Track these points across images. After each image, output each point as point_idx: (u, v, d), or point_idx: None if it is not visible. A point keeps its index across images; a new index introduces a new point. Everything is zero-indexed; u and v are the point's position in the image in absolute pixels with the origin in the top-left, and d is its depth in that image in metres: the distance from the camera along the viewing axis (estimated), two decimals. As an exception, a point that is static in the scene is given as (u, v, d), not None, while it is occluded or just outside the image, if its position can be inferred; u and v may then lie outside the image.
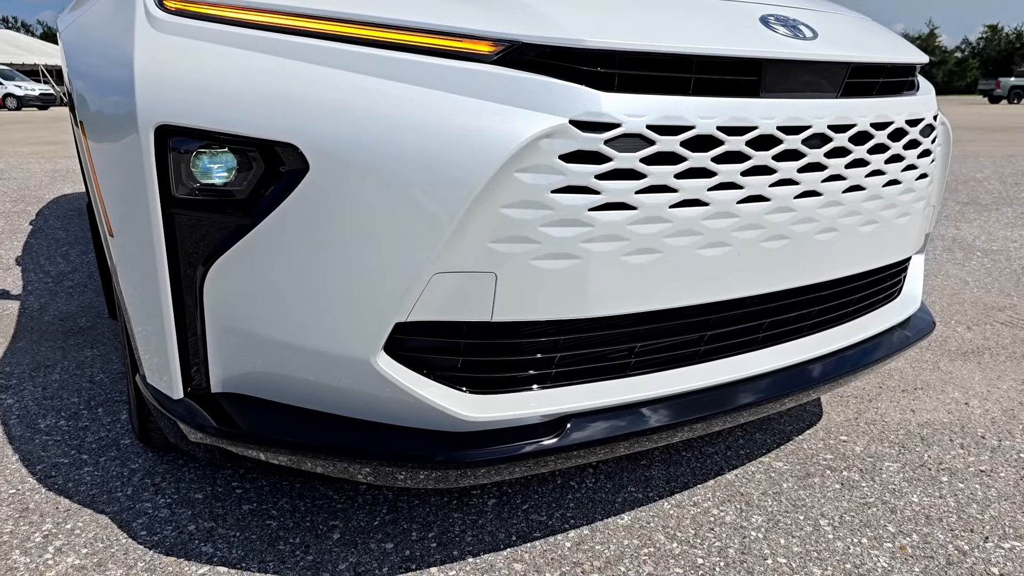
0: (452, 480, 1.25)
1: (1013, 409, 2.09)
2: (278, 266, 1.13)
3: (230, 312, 1.19)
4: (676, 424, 1.32)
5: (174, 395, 1.26)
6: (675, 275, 1.23)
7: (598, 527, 1.52)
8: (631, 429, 1.29)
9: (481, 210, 1.09)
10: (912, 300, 1.79)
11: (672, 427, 1.32)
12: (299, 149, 1.07)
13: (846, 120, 1.33)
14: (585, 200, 1.12)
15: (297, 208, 1.10)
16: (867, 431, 1.95)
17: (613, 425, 1.28)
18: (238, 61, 1.13)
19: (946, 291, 3.28)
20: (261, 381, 1.25)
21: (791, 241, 1.33)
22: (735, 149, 1.21)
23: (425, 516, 1.54)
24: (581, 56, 1.13)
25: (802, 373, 1.50)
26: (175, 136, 1.11)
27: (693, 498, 1.62)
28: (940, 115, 1.64)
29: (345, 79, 1.11)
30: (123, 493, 1.61)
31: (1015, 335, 2.70)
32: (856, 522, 1.54)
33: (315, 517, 1.53)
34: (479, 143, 1.07)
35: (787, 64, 1.27)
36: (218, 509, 1.55)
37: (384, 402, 1.19)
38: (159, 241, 1.16)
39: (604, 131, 1.11)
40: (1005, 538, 1.49)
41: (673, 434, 1.36)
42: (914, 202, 1.54)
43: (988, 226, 4.74)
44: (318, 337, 1.15)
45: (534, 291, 1.15)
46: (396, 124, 1.08)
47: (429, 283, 1.11)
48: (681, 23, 1.23)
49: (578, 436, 1.25)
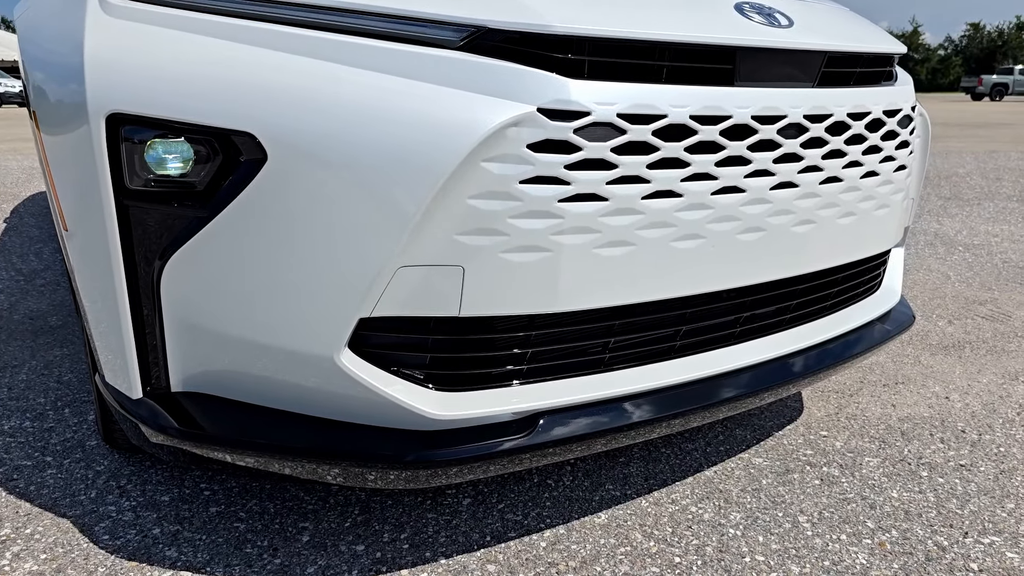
0: (423, 480, 1.22)
1: (993, 403, 2.08)
2: (237, 260, 1.09)
3: (189, 308, 1.15)
4: (652, 420, 1.29)
5: (133, 395, 1.22)
6: (648, 268, 1.20)
7: (574, 526, 1.49)
8: (606, 426, 1.26)
9: (447, 201, 1.05)
10: (892, 294, 1.77)
11: (648, 423, 1.29)
12: (256, 138, 1.04)
13: (823, 110, 1.31)
14: (555, 191, 1.09)
15: (255, 199, 1.06)
16: (847, 426, 1.93)
17: (587, 422, 1.25)
18: (193, 47, 1.08)
19: (928, 285, 3.28)
20: (224, 380, 1.21)
21: (767, 233, 1.30)
22: (709, 139, 1.18)
23: (398, 517, 1.50)
24: (550, 42, 1.10)
25: (781, 368, 1.47)
26: (128, 125, 1.07)
27: (672, 495, 1.60)
28: (918, 106, 1.62)
29: (304, 65, 1.07)
30: (87, 496, 1.56)
31: (995, 329, 2.70)
32: (835, 518, 1.52)
33: (285, 519, 1.49)
34: (443, 131, 1.04)
35: (762, 52, 1.25)
36: (184, 512, 1.50)
37: (350, 400, 1.16)
38: (113, 235, 1.11)
39: (573, 120, 1.08)
40: (984, 533, 1.47)
41: (650, 430, 1.33)
42: (892, 194, 1.52)
43: (970, 221, 4.76)
44: (279, 334, 1.12)
45: (503, 285, 1.12)
46: (357, 112, 1.04)
47: (394, 277, 1.07)
48: (653, 9, 1.20)
49: (551, 434, 1.22)
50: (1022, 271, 3.52)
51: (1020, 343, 2.56)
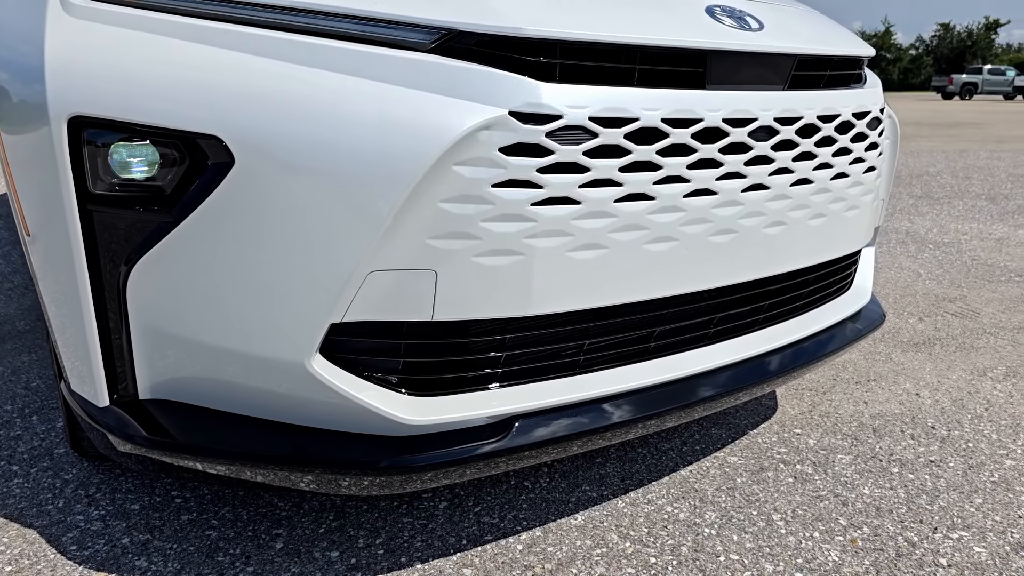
0: (397, 486, 1.21)
1: (962, 399, 2.11)
2: (204, 265, 1.07)
3: (156, 314, 1.13)
4: (628, 421, 1.30)
5: (99, 403, 1.20)
6: (622, 271, 1.20)
7: (551, 528, 1.49)
8: (581, 428, 1.26)
9: (418, 205, 1.05)
10: (863, 293, 1.79)
11: (624, 424, 1.30)
12: (223, 141, 1.02)
13: (793, 113, 1.32)
14: (527, 194, 1.09)
15: (223, 204, 1.04)
16: (821, 424, 1.95)
17: (562, 424, 1.25)
18: (158, 49, 1.06)
19: (899, 283, 3.33)
20: (193, 386, 1.19)
21: (739, 235, 1.31)
22: (680, 142, 1.18)
23: (373, 521, 1.49)
24: (521, 45, 1.10)
25: (755, 367, 1.48)
26: (90, 128, 1.04)
27: (648, 496, 1.60)
28: (887, 108, 1.64)
29: (273, 68, 1.05)
30: (54, 506, 1.53)
31: (965, 326, 2.75)
32: (808, 516, 1.53)
33: (258, 526, 1.47)
34: (414, 135, 1.03)
35: (733, 55, 1.25)
36: (155, 520, 1.48)
37: (322, 407, 1.14)
38: (76, 240, 1.09)
39: (545, 123, 1.07)
40: (953, 528, 1.50)
41: (626, 432, 1.33)
42: (862, 195, 1.54)
43: (940, 219, 4.84)
44: (249, 340, 1.10)
45: (476, 289, 1.11)
46: (327, 115, 1.03)
47: (365, 282, 1.06)
48: (625, 12, 1.20)
49: (526, 437, 1.21)
50: (990, 268, 3.58)
51: (988, 340, 2.60)
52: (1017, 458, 1.78)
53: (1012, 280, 3.38)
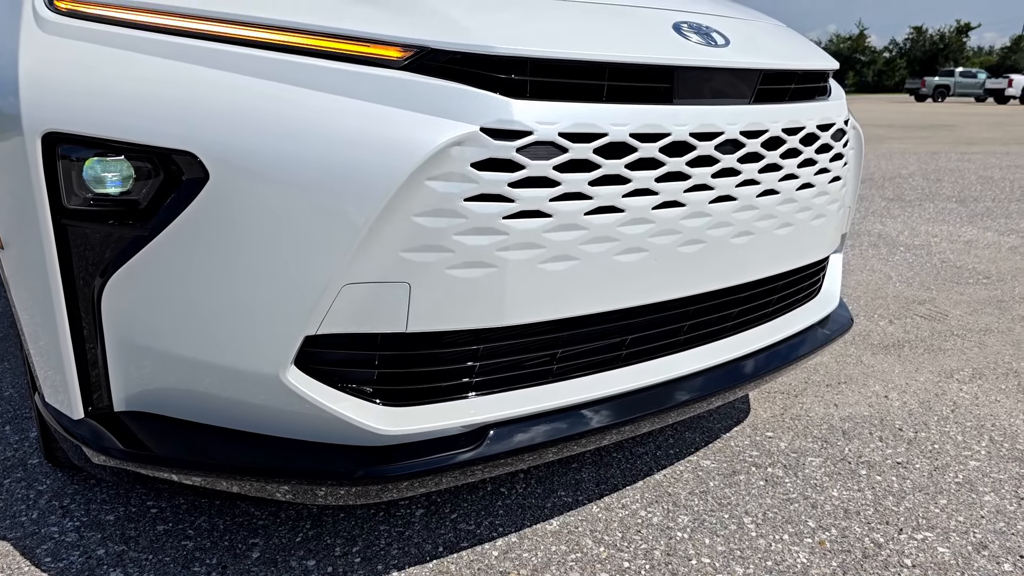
0: (373, 495, 1.22)
1: (929, 401, 2.17)
2: (180, 279, 1.08)
3: (131, 327, 1.13)
4: (602, 428, 1.32)
5: (74, 415, 1.20)
6: (593, 281, 1.22)
7: (526, 534, 1.51)
8: (555, 435, 1.28)
9: (392, 219, 1.06)
10: (831, 298, 1.83)
11: (598, 431, 1.32)
12: (198, 157, 1.03)
13: (758, 126, 1.35)
14: (499, 208, 1.11)
15: (198, 219, 1.05)
16: (792, 426, 1.99)
17: (536, 432, 1.27)
18: (133, 65, 1.07)
19: (870, 286, 3.39)
20: (168, 399, 1.20)
21: (708, 245, 1.34)
22: (649, 155, 1.21)
23: (350, 530, 1.50)
24: (492, 63, 1.12)
25: (725, 373, 1.52)
26: (64, 144, 1.05)
27: (622, 500, 1.63)
28: (852, 119, 1.68)
29: (247, 84, 1.06)
30: (28, 517, 1.52)
31: (933, 328, 2.81)
32: (778, 518, 1.57)
33: (234, 535, 1.48)
34: (388, 151, 1.04)
35: (699, 71, 1.28)
36: (130, 531, 1.48)
37: (297, 418, 1.16)
38: (51, 254, 1.10)
39: (516, 139, 1.10)
40: (918, 529, 1.54)
41: (600, 438, 1.36)
42: (828, 204, 1.58)
43: (911, 222, 4.93)
44: (224, 352, 1.11)
45: (450, 301, 1.13)
46: (301, 131, 1.04)
47: (339, 294, 1.08)
48: (594, 30, 1.23)
49: (501, 445, 1.23)
50: (959, 271, 3.67)
51: (955, 342, 2.67)
52: (981, 459, 1.83)
53: (980, 282, 3.46)
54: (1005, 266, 3.76)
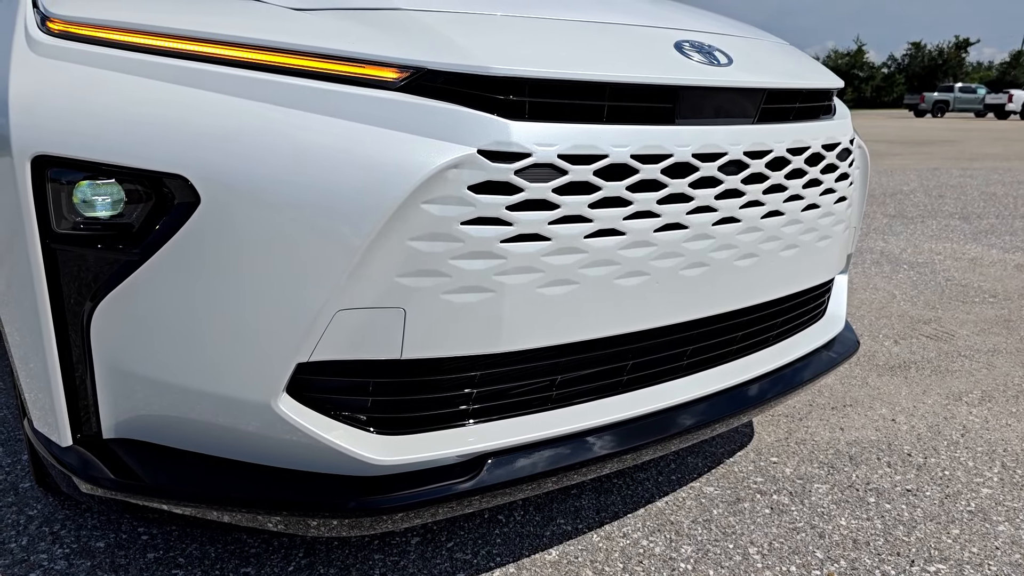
0: (367, 527, 1.19)
1: (938, 424, 2.13)
2: (170, 304, 1.06)
3: (120, 353, 1.11)
4: (603, 456, 1.29)
5: (62, 442, 1.17)
6: (593, 306, 1.19)
7: (525, 564, 1.47)
8: (555, 464, 1.25)
9: (387, 243, 1.04)
10: (836, 321, 1.80)
11: (598, 460, 1.29)
12: (189, 181, 1.01)
13: (762, 146, 1.33)
14: (496, 232, 1.08)
15: (189, 243, 1.02)
16: (797, 451, 1.95)
17: (536, 461, 1.24)
18: (125, 88, 1.05)
19: (874, 305, 3.36)
20: (158, 426, 1.17)
21: (711, 268, 1.31)
22: (650, 177, 1.19)
23: (344, 559, 1.46)
24: (490, 83, 1.10)
25: (729, 398, 1.48)
26: (54, 167, 1.03)
27: (623, 529, 1.59)
28: (857, 138, 1.66)
29: (240, 107, 1.04)
30: (17, 544, 1.49)
31: (940, 348, 2.78)
32: (785, 549, 1.53)
33: (226, 564, 1.44)
34: (383, 174, 1.02)
35: (702, 91, 1.26)
36: (120, 559, 1.44)
37: (290, 447, 1.12)
38: (39, 278, 1.07)
39: (514, 161, 1.07)
40: (931, 561, 1.50)
41: (600, 467, 1.32)
42: (834, 225, 1.55)
43: (914, 239, 4.90)
44: (214, 380, 1.08)
45: (446, 326, 1.10)
46: (294, 154, 1.02)
47: (332, 321, 1.05)
48: (594, 49, 1.21)
49: (498, 475, 1.20)
50: (964, 289, 3.63)
51: (963, 363, 2.63)
52: (993, 486, 1.79)
53: (986, 301, 3.42)
54: (1012, 284, 3.72)
